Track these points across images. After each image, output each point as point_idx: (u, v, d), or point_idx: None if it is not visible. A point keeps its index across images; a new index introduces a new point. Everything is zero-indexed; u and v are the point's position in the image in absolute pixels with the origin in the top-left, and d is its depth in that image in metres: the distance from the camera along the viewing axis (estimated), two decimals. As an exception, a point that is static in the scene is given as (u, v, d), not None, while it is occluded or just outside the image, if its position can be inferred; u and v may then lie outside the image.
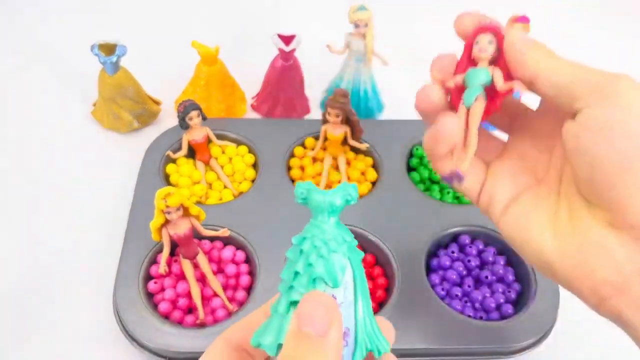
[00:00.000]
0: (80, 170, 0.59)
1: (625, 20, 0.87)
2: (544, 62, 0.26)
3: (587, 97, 0.25)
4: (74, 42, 0.71)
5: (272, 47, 0.60)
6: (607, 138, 0.24)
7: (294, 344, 0.20)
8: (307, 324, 0.20)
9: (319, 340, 0.19)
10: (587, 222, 0.26)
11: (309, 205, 0.22)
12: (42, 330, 0.47)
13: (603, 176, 0.25)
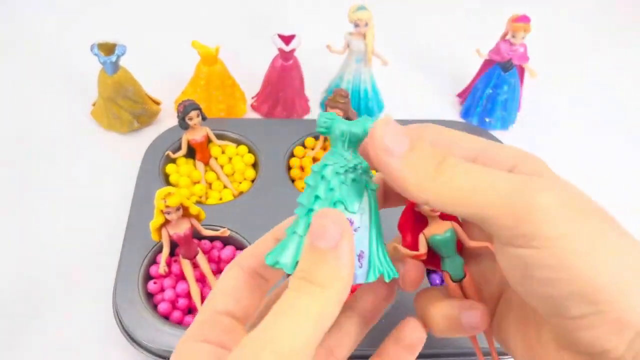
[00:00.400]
0: (80, 170, 0.59)
1: (625, 20, 0.87)
2: (430, 189, 0.21)
3: (498, 232, 0.21)
4: (74, 42, 0.71)
5: (272, 47, 0.60)
6: (530, 283, 0.21)
7: (308, 258, 0.20)
8: (318, 238, 0.20)
9: (330, 252, 0.20)
10: (550, 345, 0.23)
11: (331, 134, 0.24)
12: (42, 330, 0.47)
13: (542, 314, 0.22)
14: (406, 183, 0.21)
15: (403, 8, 0.85)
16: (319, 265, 0.20)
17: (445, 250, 0.25)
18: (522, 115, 0.68)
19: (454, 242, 0.25)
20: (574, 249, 0.20)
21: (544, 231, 0.20)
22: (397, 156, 0.21)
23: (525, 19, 0.59)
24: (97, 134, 0.63)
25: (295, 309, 0.19)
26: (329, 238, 0.20)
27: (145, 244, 0.48)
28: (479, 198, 0.20)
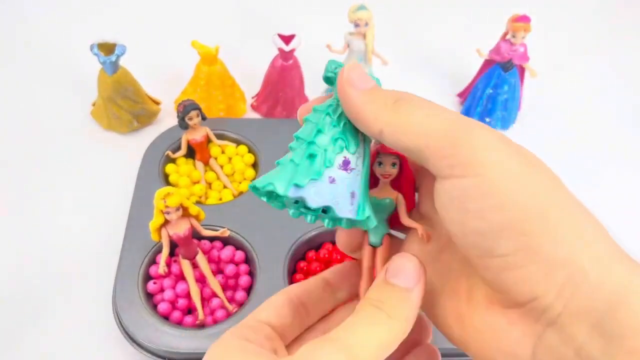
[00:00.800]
0: (80, 170, 0.59)
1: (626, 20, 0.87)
2: (384, 118, 0.22)
3: (438, 163, 0.21)
4: (74, 42, 0.71)
5: (272, 47, 0.59)
6: (463, 215, 0.21)
7: (381, 290, 0.22)
8: (394, 275, 0.22)
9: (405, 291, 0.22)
10: (480, 302, 0.23)
11: (334, 82, 0.24)
12: (42, 329, 0.47)
13: (471, 256, 0.22)
14: (364, 112, 0.22)
15: (403, 8, 0.85)
16: (392, 299, 0.22)
17: (376, 214, 0.25)
18: (522, 115, 0.68)
19: (386, 211, 0.26)
20: (508, 177, 0.20)
21: (480, 157, 0.20)
22: (360, 90, 0.23)
23: (526, 18, 0.59)
24: (97, 133, 0.63)
25: (369, 329, 0.21)
26: (408, 279, 0.22)
27: (145, 244, 0.48)
28: (425, 127, 0.21)
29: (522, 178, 0.20)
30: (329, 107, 0.24)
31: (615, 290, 0.19)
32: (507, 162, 0.20)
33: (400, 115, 0.22)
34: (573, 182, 0.26)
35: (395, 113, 0.22)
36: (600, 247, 0.20)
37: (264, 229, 0.50)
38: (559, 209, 0.20)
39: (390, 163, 0.25)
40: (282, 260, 0.48)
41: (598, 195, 0.60)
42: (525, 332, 0.21)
